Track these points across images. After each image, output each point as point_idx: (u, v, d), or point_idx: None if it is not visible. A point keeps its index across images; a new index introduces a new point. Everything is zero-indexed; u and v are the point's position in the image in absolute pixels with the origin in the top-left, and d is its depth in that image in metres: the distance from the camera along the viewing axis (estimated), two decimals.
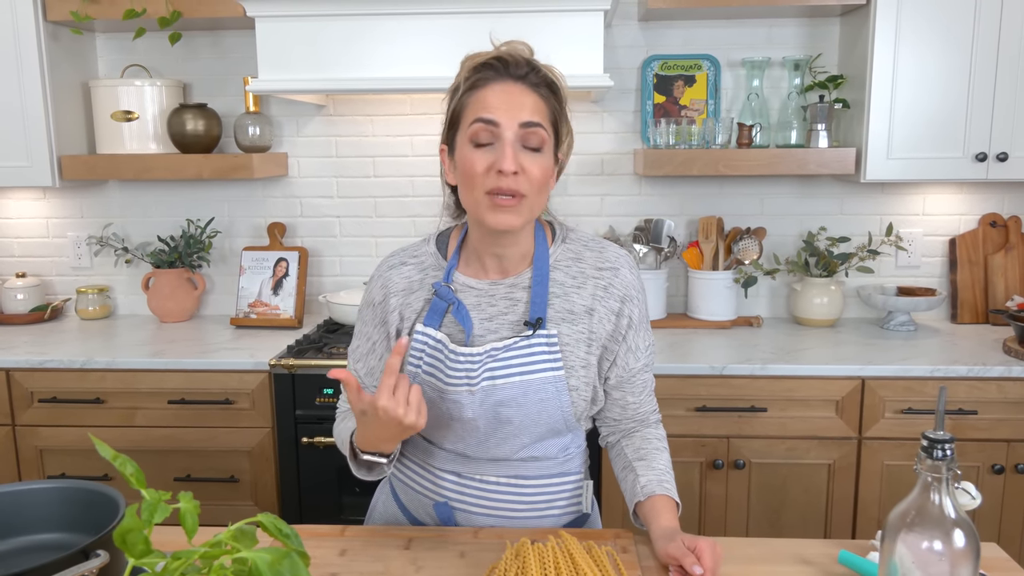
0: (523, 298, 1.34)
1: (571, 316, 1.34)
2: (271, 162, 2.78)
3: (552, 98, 1.27)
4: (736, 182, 2.84)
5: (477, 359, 1.31)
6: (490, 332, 1.34)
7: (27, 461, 2.45)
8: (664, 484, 1.34)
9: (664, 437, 1.45)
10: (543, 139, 1.24)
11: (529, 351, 1.31)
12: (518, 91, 1.24)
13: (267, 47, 2.37)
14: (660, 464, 1.37)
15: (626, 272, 1.37)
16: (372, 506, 1.58)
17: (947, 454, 0.91)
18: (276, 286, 2.83)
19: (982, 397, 2.25)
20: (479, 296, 1.35)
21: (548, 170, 1.27)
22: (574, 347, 1.33)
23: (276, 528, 0.77)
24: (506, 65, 1.25)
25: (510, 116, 1.22)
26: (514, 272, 1.36)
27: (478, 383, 1.30)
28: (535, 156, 1.24)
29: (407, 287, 1.38)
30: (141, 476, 0.78)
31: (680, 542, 1.21)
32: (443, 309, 1.34)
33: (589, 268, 1.36)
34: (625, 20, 2.76)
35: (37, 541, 1.12)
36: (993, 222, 2.79)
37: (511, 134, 1.22)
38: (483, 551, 1.26)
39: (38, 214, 3.01)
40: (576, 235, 1.40)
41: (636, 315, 1.37)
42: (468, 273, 1.37)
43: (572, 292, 1.34)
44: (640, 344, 1.39)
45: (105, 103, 2.72)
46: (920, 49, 2.41)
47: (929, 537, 0.91)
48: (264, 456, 2.40)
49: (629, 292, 1.36)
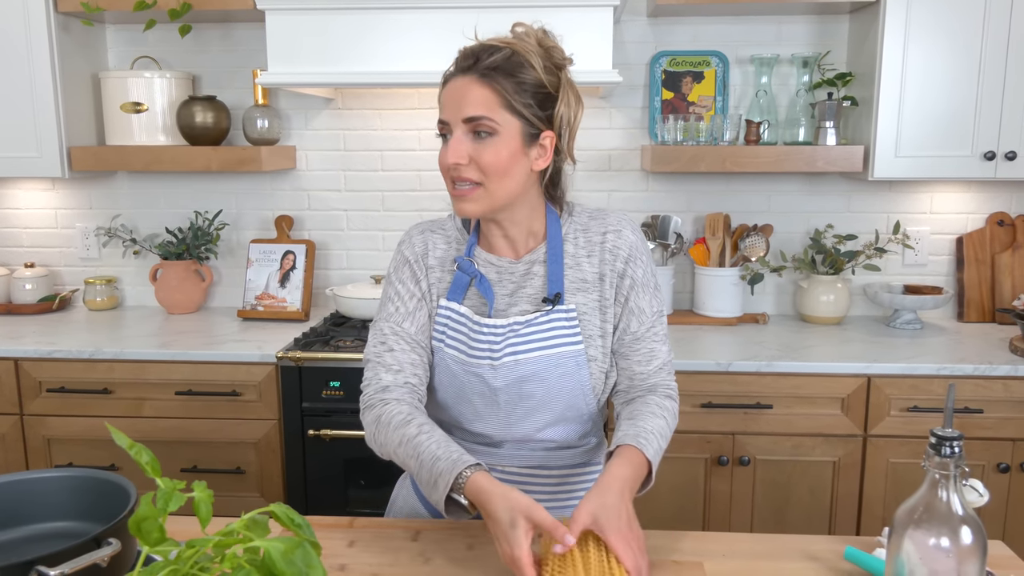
0: (540, 272, 1.38)
1: (584, 285, 1.37)
2: (279, 155, 2.78)
3: (509, 81, 1.26)
4: (743, 179, 2.84)
5: (500, 332, 1.34)
6: (511, 306, 1.37)
7: (35, 450, 2.46)
8: (639, 439, 1.26)
9: (669, 408, 1.37)
10: (491, 127, 1.26)
11: (549, 326, 1.34)
12: (464, 85, 1.27)
13: (277, 40, 2.37)
14: (647, 424, 1.31)
15: (628, 233, 1.39)
16: (392, 499, 1.58)
17: (955, 451, 0.91)
18: (283, 279, 2.84)
19: (988, 396, 2.24)
20: (499, 272, 1.39)
21: (505, 156, 1.27)
22: (590, 316, 1.36)
23: (288, 518, 0.77)
24: (458, 61, 1.30)
25: (455, 113, 1.28)
26: (526, 250, 1.39)
27: (500, 358, 1.32)
28: (486, 143, 1.27)
29: (440, 256, 1.42)
30: (156, 465, 0.78)
31: (586, 513, 1.13)
32: (465, 283, 1.38)
33: (595, 235, 1.39)
34: (634, 16, 2.76)
35: (47, 529, 1.12)
36: (1001, 221, 2.78)
37: (458, 130, 1.28)
38: (491, 543, 1.27)
39: (47, 205, 3.02)
40: (580, 208, 1.44)
41: (639, 275, 1.38)
42: (487, 249, 1.41)
43: (583, 261, 1.38)
44: (644, 307, 1.38)
45: (115, 95, 2.73)
46: (929, 47, 2.40)
47: (936, 534, 0.92)
48: (270, 448, 2.41)
49: (632, 252, 1.38)
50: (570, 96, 1.33)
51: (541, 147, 1.32)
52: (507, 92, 1.26)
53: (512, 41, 1.30)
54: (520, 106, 1.27)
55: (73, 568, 0.88)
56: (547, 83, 1.29)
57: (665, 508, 2.36)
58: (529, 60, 1.28)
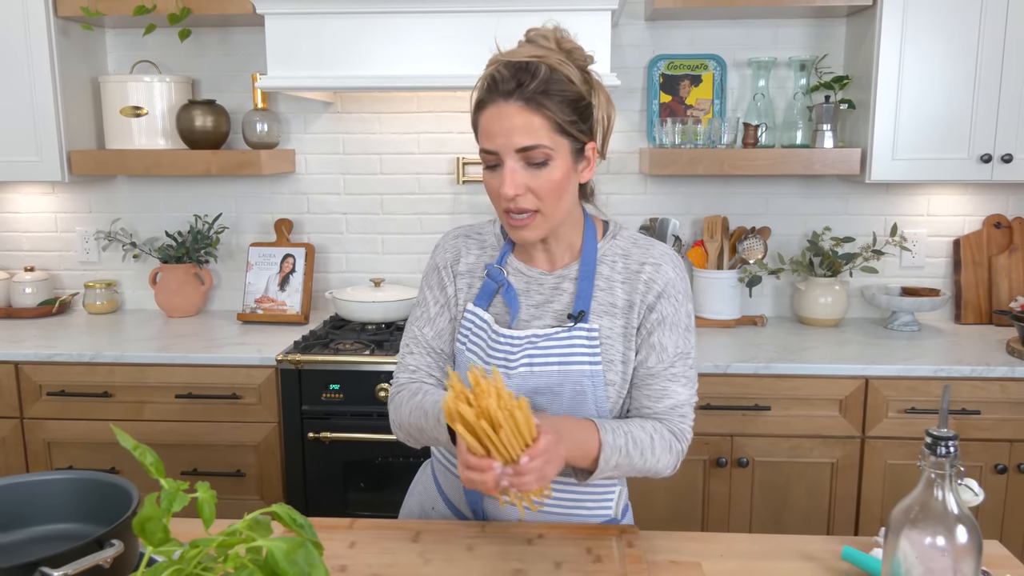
0: (569, 289, 1.37)
1: (612, 310, 1.35)
2: (279, 159, 2.79)
3: (554, 102, 1.23)
4: (741, 182, 2.85)
5: (517, 343, 1.34)
6: (535, 319, 1.37)
7: (35, 454, 2.47)
8: (605, 425, 1.26)
9: (663, 436, 1.31)
10: (546, 155, 1.24)
11: (569, 342, 1.33)
12: (510, 112, 1.22)
13: (276, 44, 2.38)
14: (627, 426, 1.29)
15: (669, 269, 1.36)
16: (412, 485, 1.61)
17: (950, 451, 0.92)
18: (283, 282, 2.85)
19: (985, 397, 2.25)
20: (528, 283, 1.39)
21: (559, 178, 1.26)
22: (613, 341, 1.34)
23: (291, 518, 0.78)
24: (496, 84, 1.24)
25: (506, 143, 1.23)
26: (561, 264, 1.39)
27: (516, 367, 1.33)
28: (540, 171, 1.25)
29: (472, 263, 1.43)
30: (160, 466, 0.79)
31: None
32: (493, 290, 1.39)
33: (634, 264, 1.37)
34: (632, 19, 2.77)
35: (49, 531, 1.13)
36: (997, 223, 2.79)
37: (511, 160, 1.24)
38: (490, 544, 1.28)
39: (46, 208, 3.02)
40: (627, 233, 1.41)
41: (670, 313, 1.34)
42: (521, 259, 1.41)
43: (616, 287, 1.36)
44: (667, 344, 1.34)
45: (114, 99, 2.74)
46: (926, 50, 2.42)
47: (932, 533, 0.93)
48: (270, 451, 2.42)
49: (667, 289, 1.35)
50: (602, 98, 1.31)
51: (586, 159, 1.32)
52: (555, 115, 1.23)
53: (540, 53, 1.25)
54: (567, 125, 1.25)
55: (76, 569, 0.89)
56: (585, 93, 1.27)
57: (664, 509, 2.37)
58: (567, 74, 1.24)
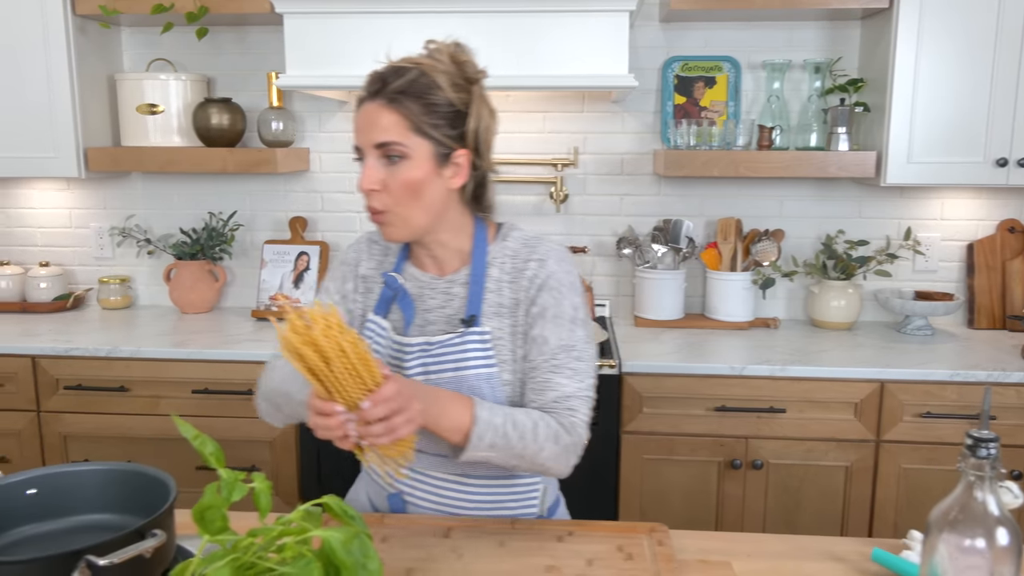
0: (461, 294, 1.38)
1: (502, 310, 1.37)
2: (294, 157, 2.80)
3: (414, 103, 1.26)
4: (755, 184, 2.86)
5: (411, 350, 1.36)
6: (428, 324, 1.39)
7: (51, 447, 2.47)
8: (484, 403, 1.26)
9: (549, 424, 1.29)
10: (400, 151, 1.27)
11: (463, 347, 1.34)
12: (373, 110, 1.28)
13: (295, 43, 2.39)
14: (508, 409, 1.28)
15: (552, 263, 1.36)
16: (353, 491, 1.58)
17: (991, 453, 0.92)
18: (297, 280, 2.85)
19: (1001, 403, 2.26)
20: (422, 287, 1.41)
21: (417, 178, 1.28)
22: (504, 341, 1.36)
23: (342, 510, 0.79)
24: (368, 85, 1.30)
25: (366, 139, 1.29)
26: (451, 269, 1.41)
27: (411, 374, 1.35)
28: (396, 168, 1.28)
29: (372, 268, 1.47)
30: (220, 455, 0.80)
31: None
32: (390, 298, 1.41)
33: (520, 262, 1.38)
34: (646, 21, 2.78)
35: (87, 521, 1.14)
36: (1011, 228, 2.80)
37: (371, 156, 1.29)
38: (521, 540, 1.29)
39: (62, 204, 3.03)
40: (517, 234, 1.42)
41: (551, 305, 1.34)
42: (415, 264, 1.44)
43: (504, 287, 1.37)
44: (548, 336, 1.33)
45: (130, 96, 2.74)
46: (942, 53, 2.42)
47: (972, 535, 0.93)
48: (286, 447, 2.42)
49: (548, 282, 1.35)
50: (482, 111, 1.33)
51: (455, 165, 1.32)
52: (415, 115, 1.26)
53: (421, 60, 1.29)
54: (429, 128, 1.27)
55: (121, 558, 0.90)
56: (457, 101, 1.29)
57: (678, 511, 2.37)
58: (436, 80, 1.27)
